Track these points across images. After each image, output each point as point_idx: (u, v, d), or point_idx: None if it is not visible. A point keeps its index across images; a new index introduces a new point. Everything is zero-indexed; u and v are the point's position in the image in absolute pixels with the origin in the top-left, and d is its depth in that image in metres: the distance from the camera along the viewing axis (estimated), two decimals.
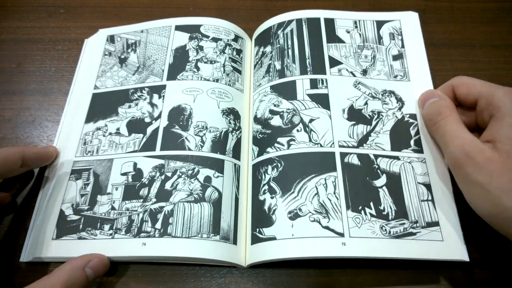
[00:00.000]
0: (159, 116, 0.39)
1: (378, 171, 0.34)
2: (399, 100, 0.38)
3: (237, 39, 0.44)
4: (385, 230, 0.32)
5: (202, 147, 0.37)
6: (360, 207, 0.33)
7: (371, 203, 0.33)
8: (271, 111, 0.38)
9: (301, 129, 0.36)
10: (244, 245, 0.34)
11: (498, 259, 0.34)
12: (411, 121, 0.37)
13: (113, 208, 0.35)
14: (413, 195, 0.33)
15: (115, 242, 0.33)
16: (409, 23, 0.43)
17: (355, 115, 0.37)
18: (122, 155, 0.37)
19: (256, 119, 0.39)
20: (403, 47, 0.41)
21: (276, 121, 0.37)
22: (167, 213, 0.34)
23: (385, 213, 0.33)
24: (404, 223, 0.32)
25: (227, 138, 0.38)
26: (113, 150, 0.38)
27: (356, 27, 0.42)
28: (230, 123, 0.39)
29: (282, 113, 0.38)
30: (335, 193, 0.33)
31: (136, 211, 0.34)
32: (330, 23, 0.42)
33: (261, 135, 0.38)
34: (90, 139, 0.39)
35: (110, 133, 0.39)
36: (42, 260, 0.34)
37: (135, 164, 0.37)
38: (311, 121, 0.37)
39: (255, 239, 0.33)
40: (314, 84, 0.39)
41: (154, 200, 0.34)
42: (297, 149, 0.35)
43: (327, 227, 0.32)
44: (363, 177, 0.34)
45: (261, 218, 0.34)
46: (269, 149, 0.36)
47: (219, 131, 0.38)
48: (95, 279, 0.32)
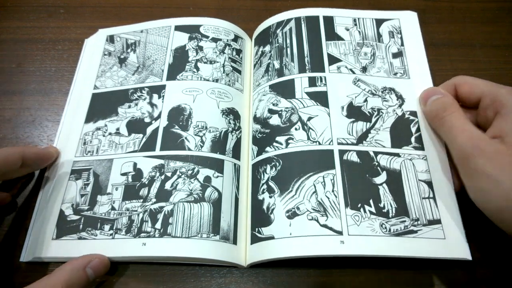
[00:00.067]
0: (159, 116, 0.39)
1: (378, 168, 0.34)
2: (399, 97, 0.38)
3: (236, 39, 0.44)
4: (385, 227, 0.31)
5: (202, 147, 0.37)
6: (359, 205, 0.32)
7: (371, 201, 0.33)
8: (270, 110, 0.38)
9: (299, 128, 0.36)
10: (244, 245, 0.34)
11: (499, 259, 0.34)
12: (412, 118, 0.37)
13: (113, 208, 0.35)
14: (414, 192, 0.33)
15: (115, 242, 0.33)
16: (408, 23, 0.43)
17: (354, 112, 0.37)
18: (122, 155, 0.37)
19: (255, 119, 0.39)
20: (402, 45, 0.41)
21: (274, 120, 0.37)
22: (167, 213, 0.34)
23: (385, 210, 0.32)
24: (404, 221, 0.32)
25: (227, 138, 0.38)
26: (113, 150, 0.38)
27: (355, 25, 0.42)
28: (229, 123, 0.39)
29: (280, 112, 0.37)
30: (333, 191, 0.33)
31: (136, 211, 0.34)
32: (329, 21, 0.42)
33: (260, 135, 0.38)
34: (90, 139, 0.39)
35: (110, 133, 0.39)
36: (42, 260, 0.34)
37: (135, 164, 0.37)
38: (310, 119, 0.36)
39: (254, 239, 0.33)
40: (312, 82, 0.38)
41: (154, 200, 0.34)
42: (295, 147, 0.35)
43: (325, 226, 0.31)
44: (363, 174, 0.34)
45: (260, 217, 0.34)
46: (267, 149, 0.36)
47: (219, 131, 0.38)
48: (95, 279, 0.32)
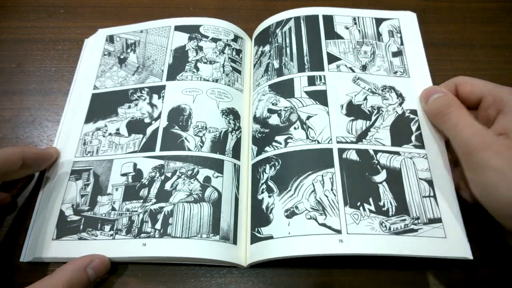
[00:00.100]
0: (159, 116, 0.39)
1: (378, 166, 0.34)
2: (399, 95, 0.38)
3: (236, 39, 0.44)
4: (385, 226, 0.31)
5: (201, 147, 0.37)
6: (358, 203, 0.32)
7: (370, 199, 0.32)
8: (269, 110, 0.38)
9: (298, 127, 0.36)
10: (244, 245, 0.34)
11: (499, 259, 0.34)
12: (412, 116, 0.37)
13: (114, 208, 0.35)
14: (414, 191, 0.33)
15: (116, 243, 0.33)
16: (407, 23, 0.42)
17: (354, 111, 0.37)
18: (122, 156, 0.37)
19: (255, 119, 0.39)
20: (402, 44, 0.41)
21: (274, 120, 0.37)
22: (167, 213, 0.34)
23: (385, 209, 0.32)
24: (405, 219, 0.31)
25: (227, 138, 0.38)
26: (113, 150, 0.38)
27: (355, 23, 0.42)
28: (229, 123, 0.39)
29: (279, 112, 0.37)
30: (332, 190, 0.33)
31: (136, 211, 0.34)
32: (328, 19, 0.42)
33: (260, 135, 0.37)
34: (90, 140, 0.39)
35: (110, 134, 0.39)
36: (42, 260, 0.34)
37: (135, 164, 0.37)
38: (309, 118, 0.36)
39: (254, 239, 0.33)
40: (311, 81, 0.38)
41: (154, 200, 0.34)
42: (294, 146, 0.35)
43: (323, 224, 0.31)
44: (362, 172, 0.33)
45: (260, 217, 0.34)
46: (267, 148, 0.36)
47: (219, 131, 0.38)
48: (96, 279, 0.32)
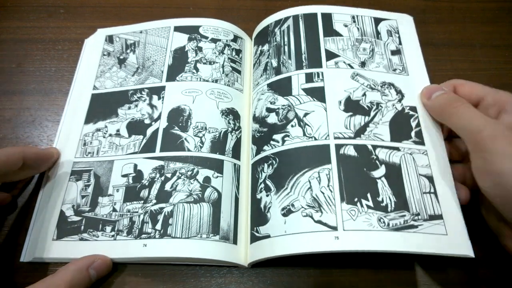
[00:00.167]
0: (159, 117, 0.39)
1: (376, 161, 0.33)
2: (399, 92, 0.37)
3: (236, 39, 0.44)
4: (384, 222, 0.31)
5: (201, 147, 0.37)
6: (355, 199, 0.32)
7: (368, 195, 0.32)
8: (268, 109, 0.38)
9: (295, 124, 0.36)
10: (244, 245, 0.34)
11: (500, 258, 0.34)
12: (412, 113, 0.36)
13: (115, 209, 0.35)
14: (414, 186, 0.32)
15: (117, 243, 0.33)
16: (405, 26, 0.42)
17: (352, 106, 0.36)
18: (122, 157, 0.37)
19: (254, 118, 0.39)
20: (400, 44, 0.41)
21: (272, 119, 0.37)
22: (167, 214, 0.34)
23: (383, 204, 0.31)
24: (404, 215, 0.31)
25: (227, 138, 0.38)
26: (113, 151, 0.38)
27: (354, 21, 0.42)
28: (229, 123, 0.39)
29: (277, 110, 0.37)
30: (328, 186, 0.32)
31: (137, 212, 0.34)
32: (327, 17, 0.42)
33: (259, 134, 0.37)
34: (90, 140, 0.39)
35: (110, 135, 0.39)
36: (42, 260, 0.34)
37: (136, 165, 0.37)
38: (306, 115, 0.36)
39: (253, 238, 0.33)
40: (309, 78, 0.38)
41: (154, 201, 0.35)
42: (291, 144, 0.35)
43: (319, 222, 0.31)
44: (360, 168, 0.33)
45: (258, 216, 0.34)
46: (265, 147, 0.36)
47: (218, 131, 0.38)
48: (96, 279, 0.32)
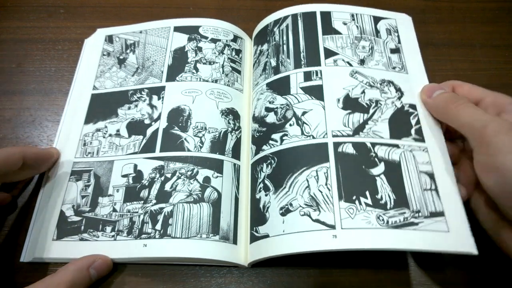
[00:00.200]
0: (159, 117, 0.39)
1: (375, 159, 0.33)
2: (398, 90, 0.37)
3: (236, 39, 0.44)
4: (382, 219, 0.30)
5: (201, 148, 0.37)
6: (354, 197, 0.31)
7: (367, 192, 0.31)
8: (267, 109, 0.38)
9: (293, 123, 0.36)
10: (244, 245, 0.34)
11: (500, 258, 0.33)
12: (411, 110, 0.36)
13: (115, 210, 0.35)
14: (414, 183, 0.32)
15: (117, 243, 0.33)
16: (403, 25, 0.42)
17: (350, 104, 0.36)
18: (122, 157, 0.37)
19: (254, 118, 0.39)
20: (399, 43, 0.41)
21: (270, 118, 0.37)
22: (167, 214, 0.34)
23: (382, 202, 0.31)
24: (404, 212, 0.30)
25: (226, 138, 0.38)
26: (113, 151, 0.38)
27: (353, 19, 0.42)
28: (229, 123, 0.39)
29: (276, 109, 0.37)
30: (326, 184, 0.32)
31: (137, 212, 0.34)
32: (326, 16, 0.42)
33: (258, 134, 0.37)
34: (90, 140, 0.39)
35: (110, 135, 0.39)
36: (42, 260, 0.34)
37: (136, 166, 0.37)
38: (304, 113, 0.36)
39: (252, 238, 0.33)
40: (308, 76, 0.38)
41: (154, 201, 0.35)
42: (289, 143, 0.35)
43: (317, 220, 0.31)
44: (358, 166, 0.33)
45: (257, 216, 0.34)
46: (264, 147, 0.36)
47: (218, 131, 0.38)
48: (97, 279, 0.32)
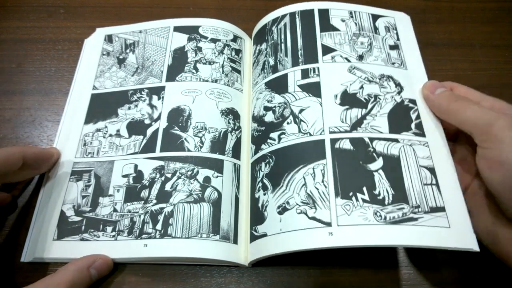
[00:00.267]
0: (159, 117, 0.39)
1: (373, 154, 0.32)
2: (398, 84, 0.37)
3: (236, 39, 0.44)
4: (380, 215, 0.30)
5: (201, 147, 0.37)
6: (350, 193, 0.31)
7: (364, 188, 0.31)
8: (265, 108, 0.38)
9: (291, 121, 0.35)
10: (244, 244, 0.34)
11: (494, 257, 0.34)
12: (411, 105, 0.35)
13: (115, 210, 0.35)
14: (414, 178, 0.31)
15: (117, 243, 0.33)
16: (402, 23, 0.42)
17: (348, 100, 0.36)
18: (122, 157, 0.37)
19: (253, 118, 0.39)
20: (398, 40, 0.41)
21: (269, 117, 0.37)
22: (167, 214, 0.34)
23: (380, 197, 0.30)
24: (403, 208, 0.30)
25: (226, 138, 0.38)
26: (113, 152, 0.38)
27: (351, 16, 0.41)
28: (229, 123, 0.39)
29: (274, 108, 0.37)
30: (323, 182, 0.32)
31: (137, 212, 0.34)
32: (324, 13, 0.41)
33: (257, 133, 0.37)
34: (90, 140, 0.39)
35: (110, 135, 0.39)
36: (43, 260, 0.34)
37: (136, 166, 0.37)
38: (301, 111, 0.36)
39: (252, 238, 0.33)
40: (305, 74, 0.38)
41: (154, 201, 0.35)
42: (287, 142, 0.35)
43: (313, 218, 0.30)
44: (356, 161, 0.32)
45: (256, 216, 0.34)
46: (262, 146, 0.36)
47: (218, 131, 0.38)
48: (97, 279, 0.32)
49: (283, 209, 0.32)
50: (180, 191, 0.35)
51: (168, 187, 0.35)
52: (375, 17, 0.42)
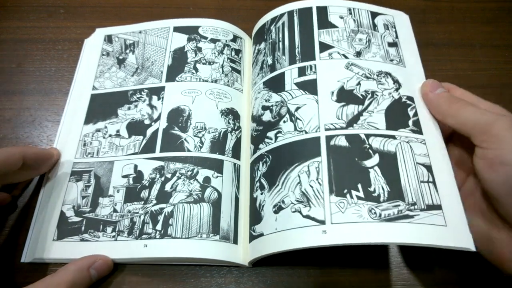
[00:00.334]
0: (159, 118, 0.39)
1: (369, 151, 0.32)
2: (396, 81, 0.36)
3: (235, 39, 0.44)
4: (375, 213, 0.29)
5: (201, 148, 0.37)
6: (345, 191, 0.30)
7: (359, 185, 0.30)
8: (263, 107, 0.38)
9: (287, 120, 0.35)
10: (244, 244, 0.34)
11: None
12: (409, 102, 0.35)
13: (115, 210, 0.35)
14: (411, 175, 0.31)
15: (117, 244, 0.34)
16: (401, 22, 0.42)
17: (345, 96, 0.35)
18: (122, 157, 0.37)
19: (252, 117, 0.39)
20: (397, 38, 0.40)
21: (266, 116, 0.37)
22: (167, 214, 0.34)
23: (375, 194, 0.30)
24: (398, 205, 0.29)
25: (226, 138, 0.38)
26: (113, 152, 0.38)
27: (350, 13, 0.41)
28: (229, 123, 0.39)
29: (271, 107, 0.37)
30: (318, 179, 0.31)
31: (137, 213, 0.34)
32: (322, 10, 0.41)
33: (256, 133, 0.37)
34: (90, 141, 0.39)
35: (110, 135, 0.39)
36: (43, 261, 0.34)
37: (136, 166, 0.37)
38: (297, 109, 0.35)
39: (250, 238, 0.33)
40: (302, 72, 0.37)
41: (154, 201, 0.35)
42: (283, 140, 0.34)
43: (307, 216, 0.30)
44: (351, 158, 0.32)
45: (254, 215, 0.34)
46: (260, 145, 0.36)
47: (218, 131, 0.38)
48: (97, 279, 0.32)
49: (278, 208, 0.32)
50: (180, 191, 0.35)
51: (168, 187, 0.35)
52: (374, 15, 0.42)
